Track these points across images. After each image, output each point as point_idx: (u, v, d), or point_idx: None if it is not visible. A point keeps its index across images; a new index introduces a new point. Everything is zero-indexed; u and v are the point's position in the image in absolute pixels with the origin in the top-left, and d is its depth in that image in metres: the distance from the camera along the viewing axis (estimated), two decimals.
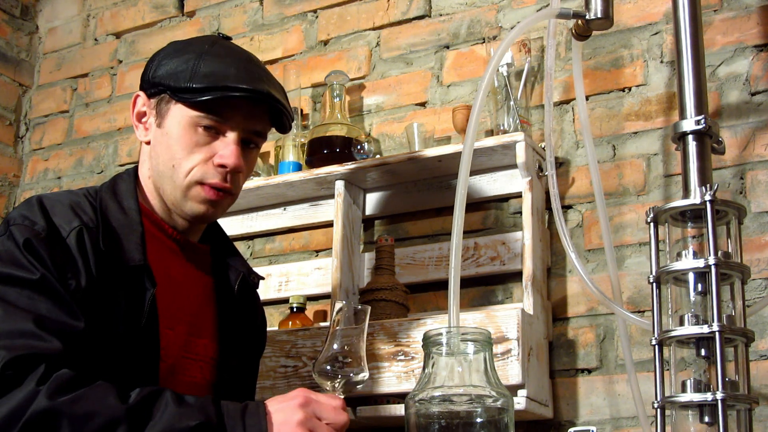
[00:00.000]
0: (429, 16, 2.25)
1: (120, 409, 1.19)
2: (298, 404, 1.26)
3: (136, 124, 1.50)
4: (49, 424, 1.17)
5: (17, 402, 1.17)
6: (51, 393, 1.17)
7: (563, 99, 2.02)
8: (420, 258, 2.05)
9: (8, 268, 1.28)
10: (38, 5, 2.92)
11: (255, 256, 2.30)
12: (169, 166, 1.44)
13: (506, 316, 1.69)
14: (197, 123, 1.43)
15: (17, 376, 1.18)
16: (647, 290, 1.78)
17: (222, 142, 1.44)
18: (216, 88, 1.41)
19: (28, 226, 1.32)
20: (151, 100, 1.48)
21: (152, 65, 1.48)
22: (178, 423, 1.20)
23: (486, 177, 2.01)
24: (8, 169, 2.74)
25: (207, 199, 1.45)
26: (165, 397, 1.22)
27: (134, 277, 1.37)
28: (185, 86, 1.42)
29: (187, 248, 1.52)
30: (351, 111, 2.25)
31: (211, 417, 1.22)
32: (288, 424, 1.24)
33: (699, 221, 1.42)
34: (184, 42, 1.52)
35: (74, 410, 1.17)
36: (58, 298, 1.27)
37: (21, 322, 1.23)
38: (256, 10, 2.51)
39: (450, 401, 1.29)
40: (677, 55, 1.54)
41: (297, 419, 1.24)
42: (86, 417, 1.18)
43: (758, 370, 1.67)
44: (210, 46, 1.47)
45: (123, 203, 1.44)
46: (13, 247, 1.30)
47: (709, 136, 1.49)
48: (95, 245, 1.34)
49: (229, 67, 1.43)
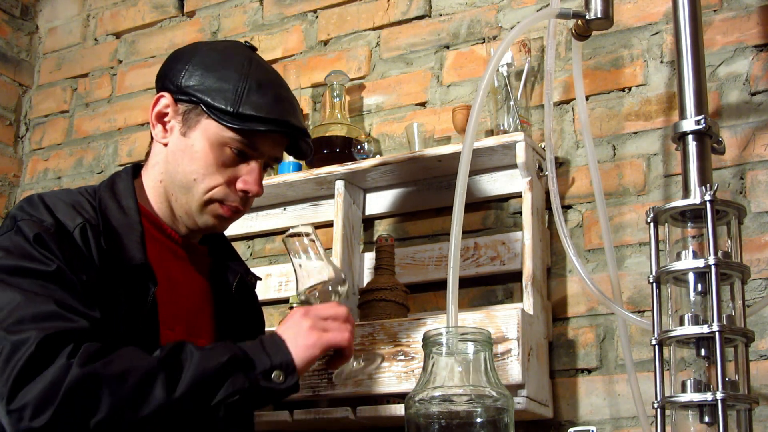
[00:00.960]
0: (429, 16, 2.25)
1: (153, 361, 1.25)
2: (300, 316, 1.39)
3: (154, 123, 1.49)
4: (89, 389, 1.19)
5: (52, 377, 1.18)
6: (83, 362, 1.19)
7: (563, 99, 2.02)
8: (420, 258, 2.05)
9: (21, 261, 1.28)
10: (38, 5, 2.92)
11: (255, 256, 2.30)
12: (190, 179, 1.45)
13: (506, 316, 1.69)
14: (227, 144, 1.45)
15: (50, 354, 1.19)
16: (647, 290, 1.78)
17: (246, 166, 1.47)
18: (259, 120, 1.43)
19: (37, 222, 1.32)
20: (178, 106, 1.47)
21: (182, 72, 1.46)
22: (209, 363, 1.27)
23: (486, 177, 2.01)
24: (8, 169, 2.74)
25: (222, 216, 1.48)
26: (188, 347, 1.29)
27: (135, 277, 1.38)
28: (231, 110, 1.42)
29: (185, 249, 1.52)
30: (351, 111, 2.25)
31: (236, 352, 1.30)
32: (301, 335, 1.36)
33: (699, 221, 1.42)
34: (219, 52, 1.50)
35: (110, 371, 1.21)
36: (73, 289, 1.28)
37: (43, 305, 1.24)
38: (256, 10, 2.51)
39: (450, 401, 1.29)
40: (677, 55, 1.54)
41: (306, 326, 1.37)
42: (123, 375, 1.21)
43: (758, 370, 1.67)
44: (248, 64, 1.47)
45: (122, 202, 1.44)
46: (23, 241, 1.30)
47: (709, 136, 1.49)
48: (98, 242, 1.35)
49: (270, 98, 1.46)
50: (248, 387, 1.28)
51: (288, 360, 1.33)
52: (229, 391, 1.27)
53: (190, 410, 1.25)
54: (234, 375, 1.27)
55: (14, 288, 1.25)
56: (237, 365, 1.28)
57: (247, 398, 1.29)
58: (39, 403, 1.17)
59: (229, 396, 1.27)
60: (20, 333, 1.20)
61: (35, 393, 1.17)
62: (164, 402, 1.22)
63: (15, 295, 1.24)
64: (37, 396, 1.17)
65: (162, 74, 1.51)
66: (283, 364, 1.32)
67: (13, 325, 1.21)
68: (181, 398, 1.23)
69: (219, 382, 1.27)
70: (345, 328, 1.40)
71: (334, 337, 1.39)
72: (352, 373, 1.47)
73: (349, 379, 1.50)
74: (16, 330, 1.20)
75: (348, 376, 1.49)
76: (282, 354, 1.33)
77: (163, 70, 1.51)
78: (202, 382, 1.25)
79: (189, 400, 1.24)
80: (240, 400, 1.28)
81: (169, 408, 1.22)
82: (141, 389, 1.21)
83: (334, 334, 1.39)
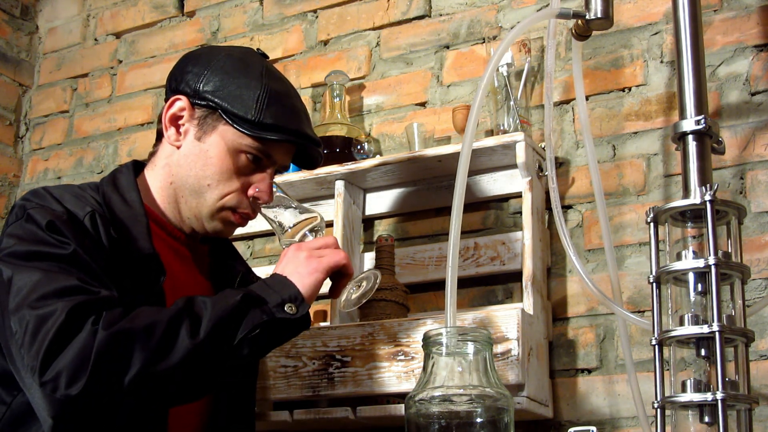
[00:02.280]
0: (429, 16, 2.25)
1: (174, 310, 1.27)
2: (294, 250, 1.44)
3: (168, 126, 1.49)
4: (119, 347, 1.20)
5: (81, 344, 1.19)
6: (107, 325, 1.21)
7: (563, 99, 2.02)
8: (420, 258, 2.05)
9: (36, 246, 1.28)
10: (38, 5, 2.92)
11: (255, 256, 2.30)
12: (204, 184, 1.46)
13: (506, 316, 1.69)
14: (243, 151, 1.46)
15: (79, 323, 1.21)
16: (647, 290, 1.78)
17: (259, 174, 1.49)
18: (277, 129, 1.46)
19: (48, 209, 1.32)
20: (194, 110, 1.47)
21: (200, 76, 1.47)
22: (225, 303, 1.30)
23: (486, 177, 2.01)
24: (8, 169, 2.74)
25: (233, 223, 1.51)
26: (199, 298, 1.32)
27: (143, 267, 1.38)
28: (246, 117, 1.44)
29: (187, 247, 1.52)
30: (351, 111, 2.25)
31: (247, 292, 1.34)
32: (301, 266, 1.40)
33: (699, 221, 1.42)
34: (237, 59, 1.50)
35: (135, 326, 1.23)
36: (90, 269, 1.29)
37: (65, 281, 1.25)
38: (256, 10, 2.51)
39: (450, 401, 1.29)
40: (677, 55, 1.54)
41: (303, 257, 1.42)
42: (149, 327, 1.23)
43: (758, 370, 1.67)
44: (266, 73, 1.49)
45: (125, 196, 1.45)
46: (35, 228, 1.30)
47: (709, 136, 1.49)
48: (107, 231, 1.36)
49: (288, 110, 1.49)
50: (266, 320, 1.32)
51: (296, 292, 1.37)
52: (249, 326, 1.30)
53: (217, 352, 1.28)
54: (251, 312, 1.31)
55: (32, 269, 1.26)
56: (251, 303, 1.32)
57: (267, 332, 1.32)
58: (73, 370, 1.18)
59: (250, 331, 1.30)
60: (46, 307, 1.21)
61: (67, 361, 1.18)
62: (191, 347, 1.24)
63: (34, 275, 1.25)
64: (69, 364, 1.18)
65: (177, 77, 1.51)
66: (292, 296, 1.36)
67: (36, 301, 1.22)
68: (205, 340, 1.26)
69: (238, 320, 1.30)
70: (340, 251, 1.45)
71: (332, 259, 1.43)
72: (358, 298, 1.50)
73: (357, 305, 1.52)
74: (41, 305, 1.21)
75: (356, 302, 1.51)
76: (288, 287, 1.37)
77: (179, 73, 1.51)
78: (222, 322, 1.28)
79: (213, 341, 1.27)
80: (260, 334, 1.31)
81: (196, 352, 1.25)
82: (167, 338, 1.24)
83: (331, 257, 1.43)
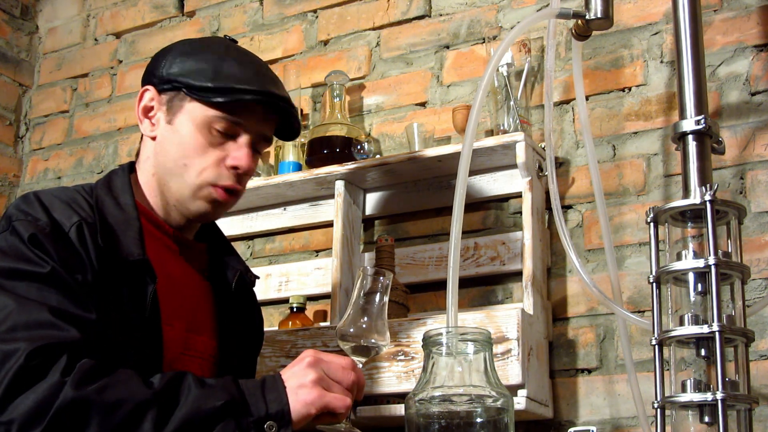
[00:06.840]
0: (429, 16, 2.25)
1: (147, 393, 1.20)
2: (307, 365, 1.30)
3: (141, 119, 1.50)
4: (79, 414, 1.17)
5: (43, 394, 1.16)
6: (76, 383, 1.17)
7: (563, 99, 2.02)
8: (420, 258, 2.05)
9: (16, 263, 1.27)
10: (38, 5, 2.92)
11: (255, 256, 2.30)
12: (180, 164, 1.45)
13: (506, 316, 1.69)
14: (212, 123, 1.45)
15: (41, 367, 1.18)
16: (647, 290, 1.78)
17: (234, 144, 1.47)
18: (240, 90, 1.43)
19: (32, 222, 1.32)
20: (161, 96, 1.48)
21: (164, 62, 1.48)
22: (205, 404, 1.22)
23: (486, 177, 2.01)
24: (8, 169, 2.74)
25: (216, 200, 1.47)
26: (188, 380, 1.24)
27: (134, 273, 1.37)
28: (207, 85, 1.43)
29: (183, 246, 1.52)
30: (351, 111, 2.25)
31: (235, 395, 1.25)
32: (303, 387, 1.28)
33: (699, 221, 1.42)
34: (197, 41, 1.54)
35: (103, 398, 1.18)
36: (68, 290, 1.28)
37: (36, 313, 1.22)
38: (256, 10, 2.51)
39: (450, 401, 1.29)
40: (677, 55, 1.54)
41: (310, 379, 1.28)
42: (115, 404, 1.18)
43: (758, 370, 1.67)
44: (226, 48, 1.49)
45: (119, 199, 1.44)
46: (18, 242, 1.29)
47: (709, 136, 1.49)
48: (95, 240, 1.35)
49: (249, 71, 1.46)
50: None
51: (284, 411, 1.26)
52: None
53: None
54: (226, 421, 1.22)
55: (8, 293, 1.25)
56: (232, 411, 1.24)
57: None
58: (27, 419, 1.15)
59: None
60: (11, 342, 1.19)
61: (24, 409, 1.16)
62: None
63: (8, 301, 1.23)
64: (26, 412, 1.16)
65: (145, 72, 1.53)
66: (279, 414, 1.26)
67: (5, 333, 1.20)
68: None
69: (209, 426, 1.22)
70: (347, 395, 1.32)
71: (333, 401, 1.30)
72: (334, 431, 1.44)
73: None
74: (8, 339, 1.19)
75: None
76: (280, 402, 1.27)
77: (146, 69, 1.53)
78: (192, 423, 1.21)
79: None
80: None
81: None
82: (130, 423, 1.18)
83: (335, 397, 1.30)
